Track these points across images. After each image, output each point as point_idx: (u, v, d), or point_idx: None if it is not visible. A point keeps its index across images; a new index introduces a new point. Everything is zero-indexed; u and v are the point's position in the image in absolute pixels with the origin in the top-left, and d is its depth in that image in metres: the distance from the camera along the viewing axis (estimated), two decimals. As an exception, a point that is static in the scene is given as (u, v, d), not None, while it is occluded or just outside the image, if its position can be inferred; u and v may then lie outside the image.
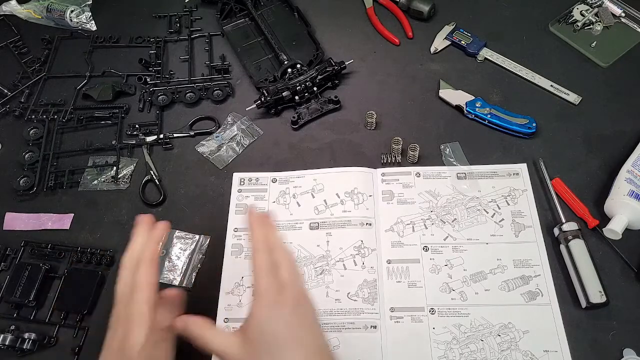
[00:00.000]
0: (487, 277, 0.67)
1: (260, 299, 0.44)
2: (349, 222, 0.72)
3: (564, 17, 0.89)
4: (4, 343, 0.64)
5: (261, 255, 0.47)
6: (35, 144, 0.83)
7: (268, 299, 0.44)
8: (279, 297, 0.45)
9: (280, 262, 0.48)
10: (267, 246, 0.48)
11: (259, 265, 0.47)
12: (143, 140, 0.82)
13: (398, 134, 0.77)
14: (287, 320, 0.44)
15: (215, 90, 0.86)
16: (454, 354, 0.62)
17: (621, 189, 0.68)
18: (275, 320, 0.43)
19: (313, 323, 0.46)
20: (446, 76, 0.85)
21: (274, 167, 0.79)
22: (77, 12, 0.97)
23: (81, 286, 0.69)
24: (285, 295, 0.45)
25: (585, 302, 0.62)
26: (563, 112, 0.80)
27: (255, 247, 0.48)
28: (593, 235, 0.69)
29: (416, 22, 0.92)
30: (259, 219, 0.51)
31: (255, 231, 0.49)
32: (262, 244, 0.48)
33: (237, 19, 0.95)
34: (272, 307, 0.44)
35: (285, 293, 0.45)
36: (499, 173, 0.75)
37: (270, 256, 0.48)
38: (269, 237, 0.49)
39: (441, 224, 0.71)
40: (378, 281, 0.68)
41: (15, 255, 0.73)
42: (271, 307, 0.44)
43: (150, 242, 0.53)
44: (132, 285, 0.50)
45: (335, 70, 0.83)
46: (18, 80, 0.91)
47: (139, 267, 0.50)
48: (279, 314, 0.44)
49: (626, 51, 0.85)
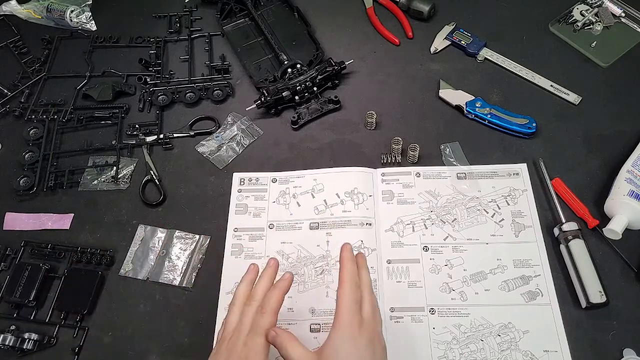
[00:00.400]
0: (487, 277, 0.67)
1: (342, 330, 0.49)
2: (349, 222, 0.72)
3: (564, 17, 0.89)
4: (4, 343, 0.64)
5: (349, 289, 0.51)
6: (35, 144, 0.83)
7: (349, 331, 0.49)
8: (357, 331, 0.49)
9: (365, 300, 0.52)
10: (356, 281, 0.52)
11: (346, 298, 0.50)
12: (143, 140, 0.82)
13: (398, 134, 0.77)
14: (361, 352, 0.49)
15: (215, 90, 0.86)
16: (454, 354, 0.62)
17: (621, 189, 0.68)
18: (349, 349, 0.48)
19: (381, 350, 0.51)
20: (446, 76, 0.85)
21: (274, 167, 0.79)
22: (77, 12, 0.97)
23: (81, 286, 0.69)
24: (363, 331, 0.50)
25: (585, 302, 0.62)
26: (563, 112, 0.80)
27: (344, 279, 0.52)
28: (593, 235, 0.69)
29: (416, 22, 0.92)
30: (352, 257, 0.54)
31: (347, 266, 0.53)
32: (351, 278, 0.52)
33: (237, 19, 0.95)
34: (350, 338, 0.49)
35: (363, 329, 0.50)
36: (499, 173, 0.75)
37: (357, 291, 0.52)
38: (361, 274, 0.54)
39: (441, 224, 0.71)
40: (378, 281, 0.68)
41: (15, 255, 0.73)
42: (349, 338, 0.49)
43: (279, 291, 0.54)
44: (253, 326, 0.52)
45: (335, 70, 0.83)
46: (18, 80, 0.91)
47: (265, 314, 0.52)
48: (354, 345, 0.49)
49: (626, 51, 0.85)
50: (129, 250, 0.73)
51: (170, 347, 0.66)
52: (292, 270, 0.69)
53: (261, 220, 0.74)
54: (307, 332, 0.65)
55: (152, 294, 0.70)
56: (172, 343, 0.66)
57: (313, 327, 0.65)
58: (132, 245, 0.73)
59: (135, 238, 0.74)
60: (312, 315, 0.66)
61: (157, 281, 0.70)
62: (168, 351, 0.66)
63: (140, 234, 0.74)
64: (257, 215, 0.74)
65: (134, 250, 0.73)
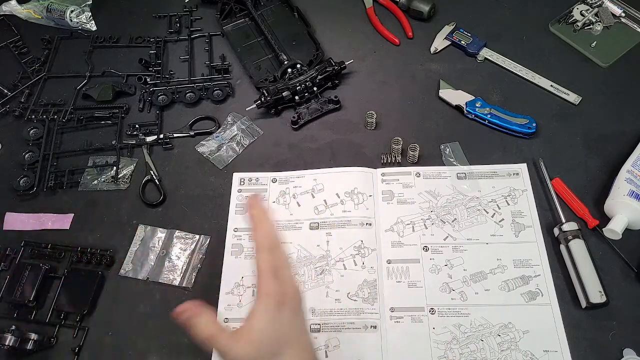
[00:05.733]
0: (487, 277, 0.67)
1: (266, 301, 0.45)
2: (349, 222, 0.72)
3: (564, 17, 0.89)
4: (4, 343, 0.64)
5: (265, 256, 0.47)
6: (35, 144, 0.83)
7: (273, 301, 0.45)
8: (282, 299, 0.45)
9: (281, 263, 0.48)
10: (270, 245, 0.48)
11: (264, 267, 0.46)
12: (143, 140, 0.82)
13: (398, 134, 0.77)
14: (289, 322, 0.45)
15: (215, 90, 0.86)
16: (454, 354, 0.62)
17: (621, 189, 0.68)
18: (278, 322, 0.45)
19: (306, 324, 0.48)
20: (446, 76, 0.85)
21: (274, 167, 0.79)
22: (77, 12, 0.97)
23: (81, 286, 0.69)
24: (287, 298, 0.46)
25: (585, 302, 0.62)
26: (563, 112, 0.80)
27: (259, 245, 0.47)
28: (593, 235, 0.69)
29: (416, 22, 0.92)
30: (261, 215, 0.49)
31: (259, 228, 0.48)
32: (266, 243, 0.47)
33: (237, 19, 0.95)
34: (276, 309, 0.45)
35: (287, 296, 0.46)
36: (499, 173, 0.75)
37: (273, 256, 0.47)
38: (271, 235, 0.48)
39: (441, 224, 0.71)
40: (378, 281, 0.68)
41: (15, 255, 0.73)
42: (275, 309, 0.45)
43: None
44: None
45: (335, 70, 0.83)
46: (18, 80, 0.91)
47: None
48: (282, 317, 0.45)
49: (626, 51, 0.85)
50: (129, 250, 0.73)
51: (170, 347, 0.66)
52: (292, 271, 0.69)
53: (261, 220, 0.74)
54: (307, 332, 0.65)
55: (152, 294, 0.70)
56: (172, 343, 0.66)
57: (313, 327, 0.65)
58: (132, 245, 0.73)
59: (135, 238, 0.74)
60: (312, 315, 0.66)
61: (157, 281, 0.70)
62: (168, 351, 0.66)
63: (140, 234, 0.74)
64: (257, 215, 0.74)
65: (134, 250, 0.73)
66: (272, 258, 0.47)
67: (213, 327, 0.45)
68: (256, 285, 0.46)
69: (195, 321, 0.45)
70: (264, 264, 0.46)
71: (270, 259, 0.46)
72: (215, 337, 0.44)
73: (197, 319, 0.45)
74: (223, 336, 0.44)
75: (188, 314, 0.45)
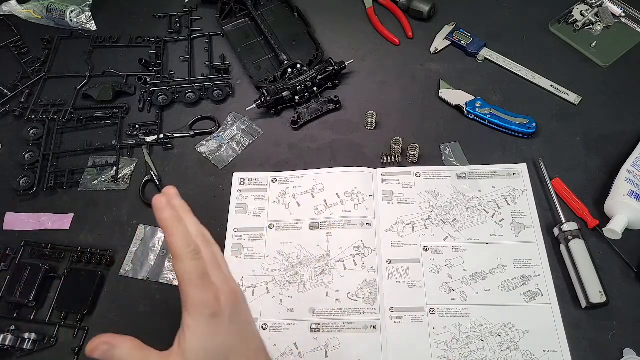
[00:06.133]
0: (487, 277, 0.67)
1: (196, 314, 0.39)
2: (349, 222, 0.72)
3: (564, 17, 0.89)
4: (4, 343, 0.64)
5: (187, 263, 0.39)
6: (35, 144, 0.83)
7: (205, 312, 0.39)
8: (215, 309, 0.39)
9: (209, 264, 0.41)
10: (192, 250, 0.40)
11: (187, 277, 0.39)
12: (143, 140, 0.82)
13: (398, 134, 0.77)
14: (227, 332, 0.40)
15: (215, 90, 0.86)
16: (454, 354, 0.62)
17: (621, 189, 0.68)
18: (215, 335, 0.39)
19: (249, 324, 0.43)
20: (446, 76, 0.85)
21: (274, 167, 0.79)
22: (77, 12, 0.97)
23: (81, 286, 0.69)
24: (221, 305, 0.40)
25: (585, 302, 0.62)
26: (563, 112, 0.80)
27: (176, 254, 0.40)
28: (593, 235, 0.69)
29: (416, 22, 0.92)
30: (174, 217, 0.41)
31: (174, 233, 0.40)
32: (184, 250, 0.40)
33: (237, 19, 0.95)
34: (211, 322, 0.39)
35: (221, 302, 0.40)
36: (499, 173, 0.75)
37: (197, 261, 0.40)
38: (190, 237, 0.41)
39: (441, 224, 0.71)
40: (378, 281, 0.68)
41: (15, 255, 0.73)
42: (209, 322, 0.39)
43: None
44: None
45: (335, 70, 0.83)
46: (18, 80, 0.91)
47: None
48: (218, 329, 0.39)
49: (626, 51, 0.85)
50: (129, 250, 0.73)
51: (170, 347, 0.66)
52: (292, 271, 0.69)
53: (261, 220, 0.74)
54: (307, 332, 0.65)
55: (152, 294, 0.70)
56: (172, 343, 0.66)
57: (313, 327, 0.65)
58: (132, 245, 0.73)
59: (135, 238, 0.74)
60: (312, 315, 0.66)
61: (157, 281, 0.70)
62: (168, 351, 0.66)
63: (140, 234, 0.74)
64: (257, 215, 0.74)
65: (134, 250, 0.73)
66: (196, 264, 0.40)
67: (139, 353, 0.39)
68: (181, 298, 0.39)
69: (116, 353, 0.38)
70: (186, 274, 0.39)
71: (193, 265, 0.40)
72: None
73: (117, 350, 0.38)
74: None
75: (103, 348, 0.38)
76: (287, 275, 0.69)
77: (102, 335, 0.38)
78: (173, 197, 0.44)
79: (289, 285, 0.69)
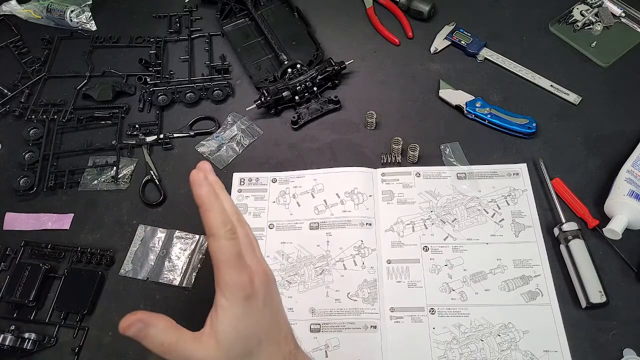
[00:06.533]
0: (487, 277, 0.67)
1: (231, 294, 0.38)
2: (349, 222, 0.72)
3: (564, 17, 0.89)
4: (4, 343, 0.64)
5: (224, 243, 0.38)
6: (35, 144, 0.83)
7: (239, 294, 0.38)
8: (249, 291, 0.39)
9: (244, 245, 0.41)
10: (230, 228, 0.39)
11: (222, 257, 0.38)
12: (143, 140, 0.82)
13: (398, 134, 0.77)
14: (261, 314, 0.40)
15: (215, 90, 0.86)
16: (454, 354, 0.62)
17: (621, 189, 0.68)
18: (248, 318, 0.39)
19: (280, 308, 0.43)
20: (446, 76, 0.85)
21: (274, 167, 0.79)
22: (77, 12, 0.97)
23: (81, 286, 0.69)
24: (255, 288, 0.39)
25: (585, 302, 0.62)
26: (563, 112, 0.80)
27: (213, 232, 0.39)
28: (593, 235, 0.69)
29: (416, 22, 0.92)
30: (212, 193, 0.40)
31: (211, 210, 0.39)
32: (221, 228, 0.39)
33: (237, 19, 0.95)
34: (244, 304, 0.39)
35: (255, 285, 0.39)
36: (499, 173, 0.75)
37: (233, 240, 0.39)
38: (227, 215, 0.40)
39: (441, 224, 0.71)
40: (378, 281, 0.68)
41: (15, 255, 0.73)
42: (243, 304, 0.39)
43: None
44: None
45: (335, 70, 0.83)
46: (18, 80, 0.91)
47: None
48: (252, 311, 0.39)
49: (626, 51, 0.85)
50: (129, 250, 0.73)
51: (170, 347, 0.66)
52: (292, 271, 0.69)
53: (261, 220, 0.74)
54: (307, 332, 0.65)
55: (152, 294, 0.70)
56: (172, 343, 0.66)
57: (313, 327, 0.65)
58: (132, 245, 0.73)
59: (135, 238, 0.74)
60: (312, 315, 0.66)
61: (157, 281, 0.70)
62: (168, 351, 0.66)
63: (140, 234, 0.74)
64: (257, 215, 0.74)
65: (134, 250, 0.73)
66: (232, 243, 0.39)
67: (173, 332, 0.39)
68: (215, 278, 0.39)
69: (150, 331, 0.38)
70: (221, 254, 0.38)
71: (229, 245, 0.39)
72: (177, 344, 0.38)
73: (151, 328, 0.38)
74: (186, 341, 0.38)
75: (139, 326, 0.38)
76: (287, 275, 0.69)
77: (135, 313, 0.38)
78: (208, 173, 0.42)
79: (289, 285, 0.69)
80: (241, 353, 0.39)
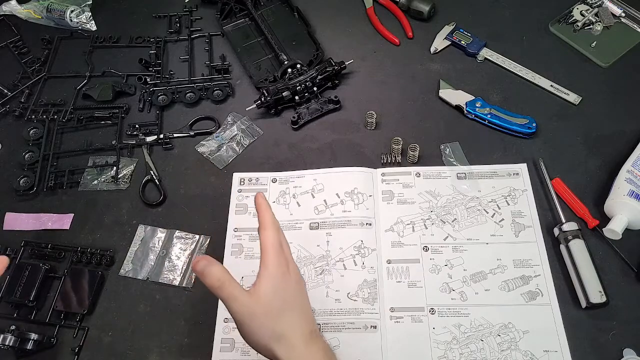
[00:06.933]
0: (487, 277, 0.67)
1: (272, 269, 0.51)
2: (349, 222, 0.72)
3: (564, 17, 0.89)
4: (5, 343, 0.64)
5: (272, 232, 0.53)
6: (35, 144, 0.83)
7: (279, 270, 0.51)
8: (286, 270, 0.52)
9: (283, 241, 0.54)
10: (277, 225, 0.54)
11: (270, 242, 0.52)
12: (143, 140, 0.82)
13: (398, 134, 0.77)
14: (293, 288, 0.52)
15: (215, 90, 0.86)
16: (454, 354, 0.62)
17: (621, 189, 0.68)
18: (283, 288, 0.51)
19: (305, 293, 0.55)
20: (446, 76, 0.85)
21: (274, 167, 0.79)
22: (77, 12, 0.97)
23: (81, 286, 0.69)
24: (290, 269, 0.53)
25: (585, 302, 0.62)
26: (563, 112, 0.80)
27: (266, 224, 0.53)
28: (593, 235, 0.69)
29: (416, 22, 0.92)
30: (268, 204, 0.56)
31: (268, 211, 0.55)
32: (273, 222, 0.54)
33: (237, 19, 0.95)
34: (282, 278, 0.51)
35: (290, 267, 0.53)
36: (499, 173, 0.75)
37: (279, 234, 0.54)
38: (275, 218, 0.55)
39: (441, 224, 0.71)
40: (378, 281, 0.68)
41: (15, 255, 0.73)
42: (281, 277, 0.51)
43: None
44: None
45: (335, 70, 0.83)
46: (18, 80, 0.91)
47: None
48: (286, 284, 0.52)
49: (626, 51, 0.85)
50: (129, 250, 0.73)
51: (170, 347, 0.66)
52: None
53: (261, 220, 0.74)
54: (307, 332, 0.65)
55: (152, 294, 0.70)
56: (172, 343, 0.66)
57: (313, 327, 0.65)
58: (132, 245, 0.73)
59: (135, 238, 0.74)
60: (312, 315, 0.66)
61: (157, 281, 0.70)
62: (168, 351, 0.66)
63: (140, 234, 0.74)
64: (257, 215, 0.74)
65: (134, 250, 0.73)
66: (278, 234, 0.53)
67: (226, 275, 0.49)
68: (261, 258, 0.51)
69: (210, 269, 0.49)
70: (269, 241, 0.52)
71: (276, 236, 0.53)
72: (229, 284, 0.49)
73: (211, 267, 0.49)
74: (236, 286, 0.49)
75: (204, 262, 0.49)
76: (287, 275, 0.69)
77: (205, 256, 0.50)
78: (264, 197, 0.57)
79: (289, 285, 0.69)
80: (274, 311, 0.50)
